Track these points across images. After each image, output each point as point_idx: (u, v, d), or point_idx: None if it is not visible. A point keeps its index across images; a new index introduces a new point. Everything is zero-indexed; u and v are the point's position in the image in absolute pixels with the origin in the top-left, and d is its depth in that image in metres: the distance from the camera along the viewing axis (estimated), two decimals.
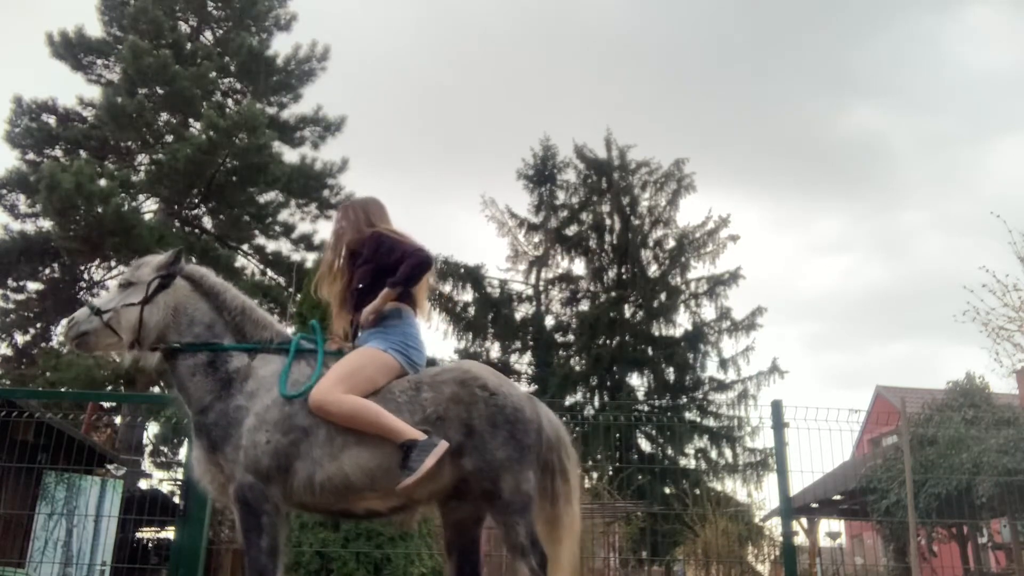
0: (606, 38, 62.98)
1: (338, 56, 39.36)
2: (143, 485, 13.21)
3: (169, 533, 11.32)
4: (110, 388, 16.31)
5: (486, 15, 70.20)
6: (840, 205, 66.16)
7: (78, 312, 3.33)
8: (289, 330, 3.54)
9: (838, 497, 16.20)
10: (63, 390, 14.72)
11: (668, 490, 19.58)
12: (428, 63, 70.14)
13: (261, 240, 20.60)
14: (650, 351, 23.49)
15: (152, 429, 18.93)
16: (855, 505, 15.59)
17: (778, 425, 5.81)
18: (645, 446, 22.79)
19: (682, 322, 24.12)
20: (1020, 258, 12.26)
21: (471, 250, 65.93)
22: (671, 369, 23.24)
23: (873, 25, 67.08)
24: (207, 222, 20.54)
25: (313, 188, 20.18)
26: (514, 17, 67.48)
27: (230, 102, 20.60)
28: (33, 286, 19.44)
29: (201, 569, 5.24)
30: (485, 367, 3.35)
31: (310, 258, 19.23)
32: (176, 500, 8.60)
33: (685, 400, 23.29)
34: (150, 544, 15.06)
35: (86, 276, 19.66)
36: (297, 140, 20.91)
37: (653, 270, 24.77)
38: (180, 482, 8.52)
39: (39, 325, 19.14)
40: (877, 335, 67.31)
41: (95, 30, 20.13)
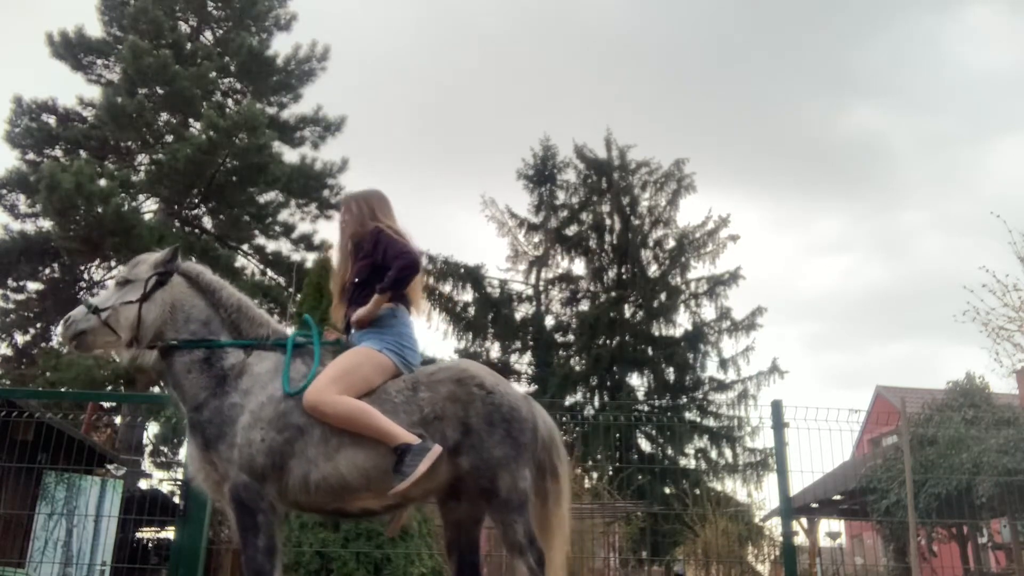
0: (606, 38, 63.05)
1: (338, 56, 39.42)
2: (143, 485, 13.22)
3: (169, 533, 11.34)
4: (110, 388, 16.30)
5: (486, 15, 70.26)
6: (840, 205, 66.24)
7: (75, 311, 3.26)
8: (288, 330, 3.52)
9: (838, 497, 16.19)
10: (63, 390, 14.71)
11: (668, 490, 19.58)
12: (428, 63, 70.23)
13: (261, 240, 20.62)
14: (650, 351, 23.49)
15: (152, 429, 18.97)
16: (855, 505, 15.57)
17: (778, 425, 5.81)
18: (645, 446, 22.78)
19: (682, 322, 24.17)
20: (1020, 258, 12.29)
21: (471, 250, 66.05)
22: (671, 369, 23.23)
23: (873, 25, 67.18)
24: (207, 222, 20.54)
25: (313, 188, 20.18)
26: (514, 17, 67.54)
27: (230, 102, 20.61)
28: (33, 286, 19.48)
29: (201, 569, 5.24)
30: (481, 366, 3.35)
31: (310, 258, 19.27)
32: (176, 500, 8.59)
33: (685, 400, 23.27)
34: (150, 544, 15.07)
35: (86, 276, 19.67)
36: (297, 140, 20.92)
37: (653, 270, 24.77)
38: (180, 482, 8.51)
39: (39, 325, 19.14)
40: (877, 335, 67.37)
41: (95, 30, 20.18)
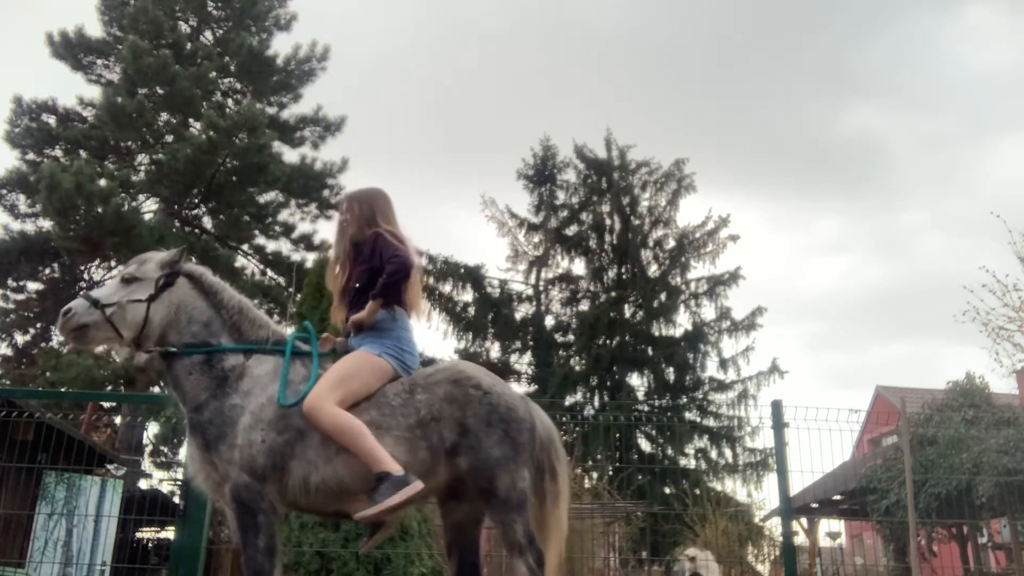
0: (606, 38, 63.01)
1: (338, 56, 39.41)
2: (143, 485, 13.20)
3: (169, 533, 11.34)
4: (110, 388, 16.31)
5: (486, 15, 70.23)
6: (840, 205, 66.21)
7: (75, 303, 3.16)
8: (288, 330, 3.51)
9: (838, 497, 16.19)
10: (63, 390, 14.71)
11: (668, 490, 19.59)
12: (428, 63, 70.20)
13: (261, 240, 20.64)
14: (650, 351, 23.50)
15: (152, 429, 18.98)
16: (855, 505, 15.57)
17: (778, 425, 5.81)
18: (645, 446, 22.79)
19: (682, 322, 24.19)
20: (1020, 258, 12.29)
21: (471, 250, 66.03)
22: (671, 369, 23.24)
23: (873, 25, 67.15)
24: (207, 222, 20.55)
25: (313, 188, 20.19)
26: (514, 17, 67.52)
27: (230, 102, 20.61)
28: (33, 286, 19.47)
29: (201, 569, 5.24)
30: (478, 367, 3.35)
31: (310, 258, 19.28)
32: (176, 500, 8.58)
33: (685, 400, 23.29)
34: (150, 544, 15.06)
35: (86, 276, 19.65)
36: (297, 140, 20.93)
37: (653, 270, 24.78)
38: (180, 482, 8.51)
39: (39, 325, 19.13)
40: (877, 335, 67.34)
41: (95, 30, 20.20)
